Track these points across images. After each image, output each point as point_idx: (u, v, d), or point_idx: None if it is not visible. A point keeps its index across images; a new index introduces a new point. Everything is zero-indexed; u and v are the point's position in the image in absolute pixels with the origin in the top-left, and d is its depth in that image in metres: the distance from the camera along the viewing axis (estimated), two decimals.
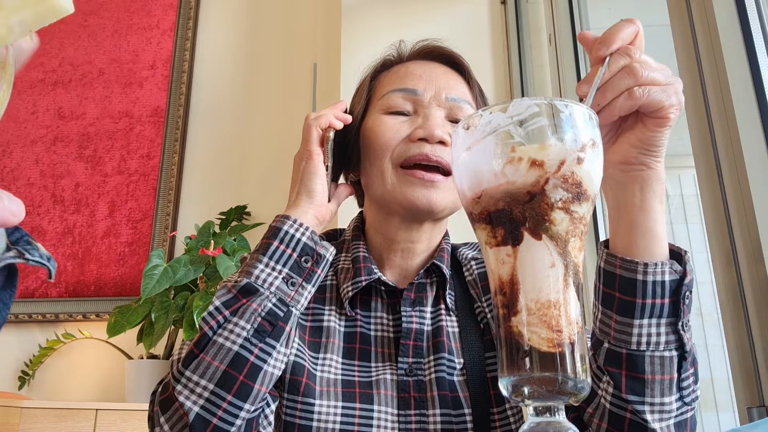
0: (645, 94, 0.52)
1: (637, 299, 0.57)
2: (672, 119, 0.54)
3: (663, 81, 0.52)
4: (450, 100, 0.77)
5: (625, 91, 0.52)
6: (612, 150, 0.57)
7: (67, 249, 2.38)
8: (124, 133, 2.52)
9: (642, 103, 0.52)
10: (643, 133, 0.55)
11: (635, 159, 0.56)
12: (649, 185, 0.57)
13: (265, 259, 0.67)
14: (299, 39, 2.56)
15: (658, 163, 0.56)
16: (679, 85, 0.54)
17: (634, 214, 0.58)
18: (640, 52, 0.52)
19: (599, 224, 1.52)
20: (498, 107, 0.46)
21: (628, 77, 0.52)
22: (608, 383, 0.60)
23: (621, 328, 0.58)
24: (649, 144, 0.55)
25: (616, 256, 0.58)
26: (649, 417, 0.58)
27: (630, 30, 0.53)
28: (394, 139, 0.75)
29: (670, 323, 0.58)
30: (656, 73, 0.52)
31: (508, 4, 2.07)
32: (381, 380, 0.72)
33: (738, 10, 0.97)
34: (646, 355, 0.58)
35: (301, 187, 0.74)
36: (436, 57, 0.82)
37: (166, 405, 0.62)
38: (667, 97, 0.52)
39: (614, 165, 0.57)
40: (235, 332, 0.63)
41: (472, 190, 0.48)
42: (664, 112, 0.53)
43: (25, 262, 0.48)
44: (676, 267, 0.58)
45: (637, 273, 0.57)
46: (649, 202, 0.57)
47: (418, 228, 0.78)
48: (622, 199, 0.58)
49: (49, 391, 2.19)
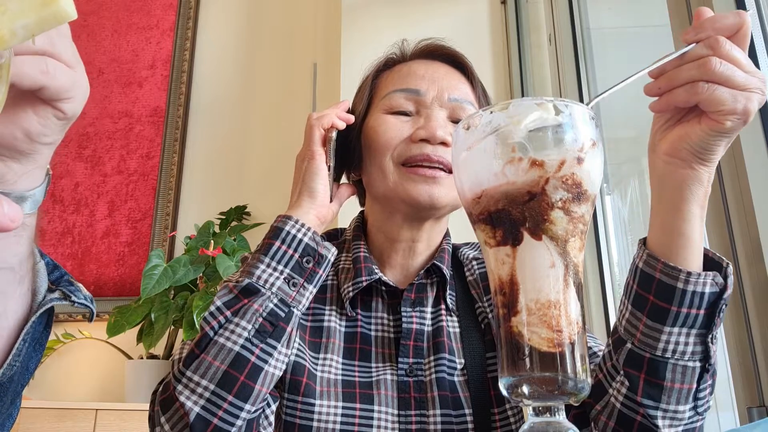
0: (708, 90, 0.48)
1: (672, 306, 0.55)
2: (727, 127, 0.50)
3: (739, 84, 0.49)
4: (452, 100, 0.77)
5: (689, 82, 0.49)
6: (663, 137, 0.55)
7: (67, 249, 2.38)
8: (123, 133, 2.52)
9: (702, 99, 0.49)
10: (695, 130, 0.52)
11: (679, 154, 0.53)
12: (688, 186, 0.54)
13: (267, 260, 0.67)
14: (299, 39, 2.56)
15: (703, 167, 0.53)
16: (758, 97, 0.49)
17: (667, 214, 0.56)
18: (731, 47, 0.49)
19: (599, 224, 1.52)
20: (498, 107, 0.46)
21: (695, 69, 0.49)
22: (622, 383, 0.60)
23: (649, 332, 0.57)
24: (696, 144, 0.52)
25: (659, 260, 0.56)
26: (660, 422, 0.58)
27: (730, 22, 0.49)
28: (396, 138, 0.75)
29: (700, 334, 0.56)
30: (737, 74, 0.48)
31: (508, 4, 2.07)
32: (381, 380, 0.72)
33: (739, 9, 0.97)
34: (669, 363, 0.57)
35: (303, 187, 0.73)
36: (439, 57, 0.82)
37: (166, 405, 0.62)
38: (733, 101, 0.49)
39: (660, 153, 0.55)
40: (237, 332, 0.63)
41: (472, 190, 0.48)
42: (720, 115, 0.49)
43: (71, 304, 0.48)
44: (718, 279, 0.56)
45: (678, 281, 0.55)
46: (686, 204, 0.55)
47: (419, 226, 0.77)
48: (659, 195, 0.57)
49: (48, 391, 2.18)
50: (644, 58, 0.54)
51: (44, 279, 0.48)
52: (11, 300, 0.44)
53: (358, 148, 0.80)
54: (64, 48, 0.38)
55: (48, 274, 0.49)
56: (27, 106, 0.38)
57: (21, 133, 0.38)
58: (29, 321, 0.45)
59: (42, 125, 0.39)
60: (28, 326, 0.45)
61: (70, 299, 0.48)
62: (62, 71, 0.38)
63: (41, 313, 0.46)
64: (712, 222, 0.96)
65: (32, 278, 0.46)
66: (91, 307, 0.50)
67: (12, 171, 0.40)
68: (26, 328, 0.45)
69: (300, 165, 0.76)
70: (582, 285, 0.47)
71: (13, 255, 0.43)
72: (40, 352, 0.49)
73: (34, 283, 0.47)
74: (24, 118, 0.38)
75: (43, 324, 0.48)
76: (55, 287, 0.48)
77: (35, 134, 0.39)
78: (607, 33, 1.81)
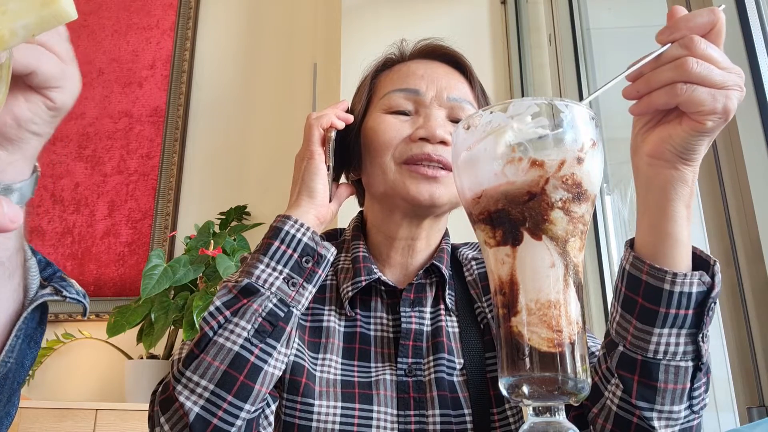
0: (687, 91, 0.48)
1: (660, 308, 0.55)
2: (708, 127, 0.50)
3: (717, 82, 0.48)
4: (451, 100, 0.77)
5: (668, 84, 0.49)
6: (644, 138, 0.55)
7: (67, 249, 2.38)
8: (123, 133, 2.52)
9: (682, 100, 0.49)
10: (676, 131, 0.52)
11: (661, 155, 0.53)
12: (673, 187, 0.54)
13: (266, 260, 0.67)
14: (299, 39, 2.56)
15: (686, 167, 0.53)
16: (736, 94, 0.49)
17: (653, 215, 0.56)
18: (706, 46, 0.48)
19: (599, 224, 1.52)
20: (498, 107, 0.46)
21: (672, 70, 0.48)
22: (617, 386, 0.60)
23: (640, 334, 0.57)
24: (679, 144, 0.52)
25: (644, 262, 0.56)
26: (656, 423, 0.58)
27: (704, 20, 0.49)
28: (396, 138, 0.75)
29: (690, 334, 0.56)
30: (714, 73, 0.48)
31: (508, 4, 2.07)
32: (380, 381, 0.72)
33: (738, 10, 0.97)
34: (662, 364, 0.57)
35: (302, 187, 0.74)
36: (438, 56, 0.82)
37: (166, 405, 0.62)
38: (713, 100, 0.48)
39: (642, 155, 0.55)
40: (236, 332, 0.63)
41: (472, 190, 0.48)
42: (701, 116, 0.49)
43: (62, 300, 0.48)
44: (705, 279, 0.56)
45: (665, 282, 0.55)
46: (672, 204, 0.54)
47: (418, 223, 0.78)
48: (644, 196, 0.57)
49: (48, 391, 2.18)
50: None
51: (36, 275, 0.48)
52: (1, 295, 0.44)
53: (357, 148, 0.80)
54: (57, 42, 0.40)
55: (40, 271, 0.49)
56: (18, 92, 0.39)
57: (10, 119, 0.40)
58: (21, 317, 0.46)
59: (32, 112, 0.40)
60: (20, 322, 0.45)
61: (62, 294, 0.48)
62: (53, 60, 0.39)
63: (33, 308, 0.46)
64: (712, 222, 0.96)
65: (22, 274, 0.47)
66: (83, 302, 0.50)
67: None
68: (18, 323, 0.45)
69: (299, 165, 0.76)
70: (582, 285, 0.47)
71: (2, 250, 0.43)
72: (35, 349, 0.49)
73: (26, 279, 0.47)
74: (14, 103, 0.39)
75: (37, 320, 0.48)
76: (47, 283, 0.49)
77: (24, 120, 0.40)
78: (607, 33, 1.81)
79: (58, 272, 0.51)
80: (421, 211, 0.76)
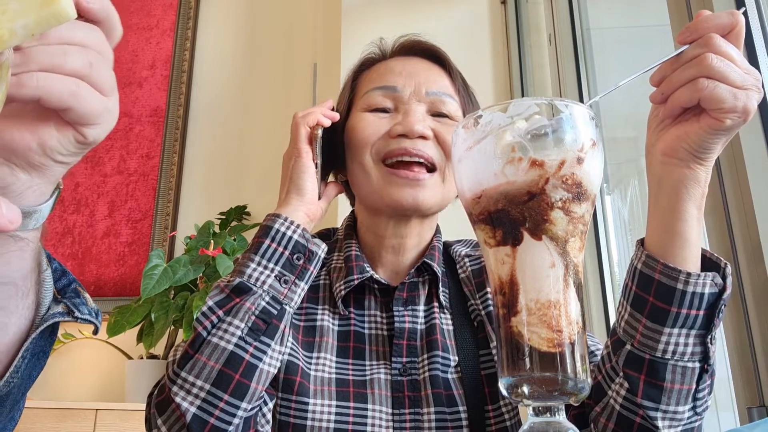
0: (709, 86, 0.48)
1: (672, 308, 0.55)
2: (726, 125, 0.50)
3: (737, 82, 0.48)
4: (431, 94, 0.77)
5: (690, 81, 0.49)
6: (660, 136, 0.55)
7: (67, 249, 2.38)
8: (123, 133, 2.52)
9: (704, 95, 0.49)
10: (693, 129, 0.51)
11: (675, 153, 0.53)
12: (685, 186, 0.54)
13: (257, 258, 0.67)
14: (299, 39, 2.56)
15: (699, 167, 0.53)
16: (757, 95, 0.49)
17: (665, 215, 0.56)
18: (726, 45, 0.49)
19: (599, 224, 1.52)
20: (498, 107, 0.46)
21: (693, 67, 0.49)
22: (621, 385, 0.60)
23: (649, 333, 0.57)
24: (695, 143, 0.52)
25: (658, 261, 0.56)
26: (660, 423, 0.58)
27: (724, 21, 0.49)
28: (374, 134, 0.75)
29: (699, 335, 0.56)
30: (733, 71, 0.48)
31: (508, 4, 2.07)
32: (375, 379, 0.72)
33: (737, 9, 0.97)
34: (669, 364, 0.57)
35: (291, 185, 0.74)
36: (417, 52, 0.82)
37: (162, 407, 0.62)
38: (734, 99, 0.48)
39: (656, 153, 0.55)
40: (230, 331, 0.63)
41: (472, 190, 0.48)
42: (721, 113, 0.49)
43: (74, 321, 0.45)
44: (717, 280, 0.56)
45: (678, 282, 0.55)
46: (683, 204, 0.54)
47: (406, 224, 0.78)
48: (656, 195, 0.57)
49: (49, 391, 2.18)
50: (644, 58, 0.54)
51: (50, 289, 0.46)
52: (13, 315, 0.43)
53: (341, 149, 0.80)
54: (101, 73, 0.37)
55: (55, 282, 0.47)
56: (51, 120, 0.37)
57: (36, 144, 0.37)
58: (30, 337, 0.44)
59: (60, 143, 0.38)
60: (27, 343, 0.43)
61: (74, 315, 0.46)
62: (94, 97, 0.36)
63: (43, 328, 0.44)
64: (712, 222, 0.96)
65: (37, 290, 0.45)
66: (95, 323, 0.47)
67: (19, 181, 0.38)
68: (26, 344, 0.43)
69: (287, 163, 0.76)
70: (582, 285, 0.47)
71: (15, 270, 0.41)
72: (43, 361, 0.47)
73: (39, 295, 0.45)
74: (44, 130, 0.37)
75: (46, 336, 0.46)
76: (60, 297, 0.47)
77: (50, 150, 0.38)
78: (607, 33, 1.81)
79: (72, 284, 0.48)
80: (408, 213, 0.76)
